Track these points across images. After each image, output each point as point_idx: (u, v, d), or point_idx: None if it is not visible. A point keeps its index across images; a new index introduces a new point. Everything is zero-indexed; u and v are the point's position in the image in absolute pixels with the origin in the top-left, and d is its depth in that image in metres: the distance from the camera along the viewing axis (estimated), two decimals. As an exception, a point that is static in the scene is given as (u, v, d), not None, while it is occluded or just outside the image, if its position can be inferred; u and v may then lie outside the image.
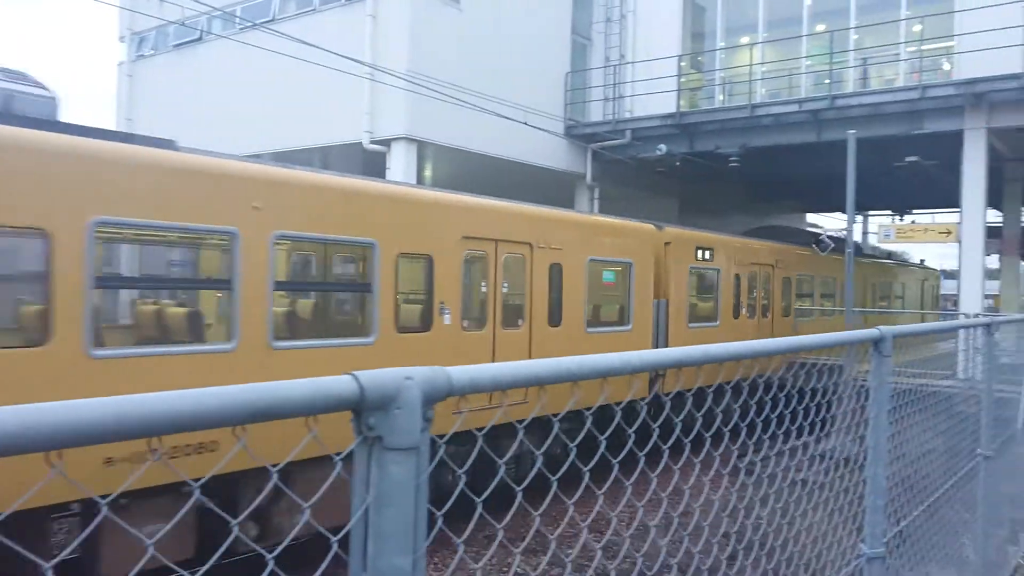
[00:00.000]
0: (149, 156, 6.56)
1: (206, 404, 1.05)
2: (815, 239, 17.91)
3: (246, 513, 1.62)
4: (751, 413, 3.19)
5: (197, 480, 1.28)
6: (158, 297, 8.10)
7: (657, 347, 12.41)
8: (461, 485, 1.50)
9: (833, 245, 17.20)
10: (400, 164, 15.64)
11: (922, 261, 33.88)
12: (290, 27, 15.83)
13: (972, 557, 5.22)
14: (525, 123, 16.33)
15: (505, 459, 1.63)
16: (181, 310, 7.67)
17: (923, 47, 17.51)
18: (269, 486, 1.36)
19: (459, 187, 11.14)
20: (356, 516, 1.24)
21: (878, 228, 22.86)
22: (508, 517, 1.87)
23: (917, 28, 17.77)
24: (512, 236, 10.13)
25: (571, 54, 20.07)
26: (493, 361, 8.58)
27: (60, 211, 5.91)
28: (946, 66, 17.54)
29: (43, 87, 7.04)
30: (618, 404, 2.28)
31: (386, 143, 15.94)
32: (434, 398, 1.31)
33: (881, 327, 3.18)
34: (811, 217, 35.38)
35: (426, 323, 8.94)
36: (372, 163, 16.02)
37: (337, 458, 1.30)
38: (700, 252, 14.49)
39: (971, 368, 6.11)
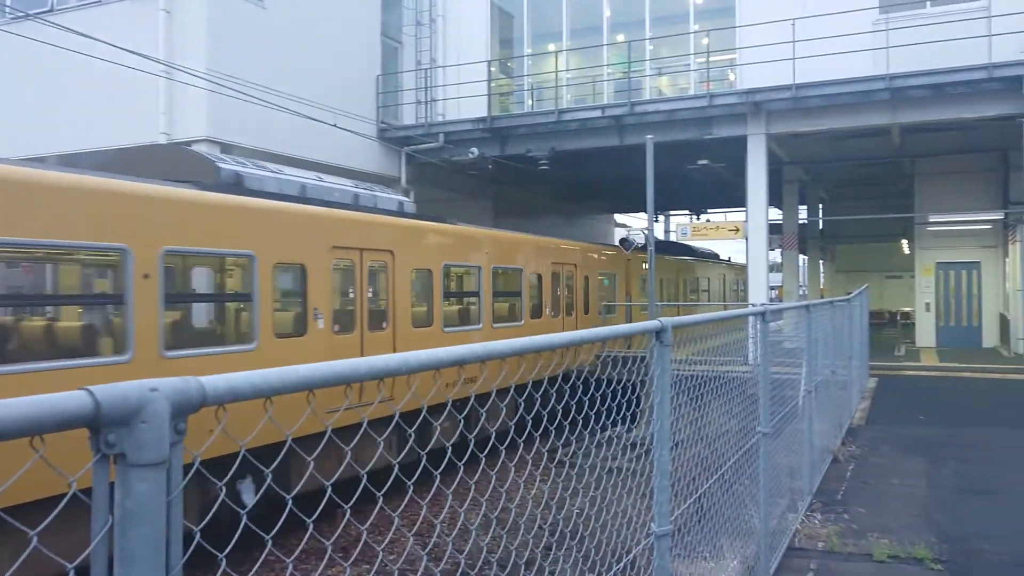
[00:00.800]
0: (447, 227, 13.02)
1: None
2: (622, 239, 18.86)
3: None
4: (560, 404, 3.32)
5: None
6: (461, 300, 13.84)
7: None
8: (222, 497, 1.44)
9: (638, 244, 18.16)
10: (203, 167, 14.84)
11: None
12: (72, 19, 14.59)
13: (758, 526, 5.67)
14: (335, 125, 16.01)
15: (266, 468, 1.59)
16: (468, 306, 13.65)
17: (711, 58, 18.92)
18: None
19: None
20: (96, 538, 1.16)
21: (676, 227, 24.45)
22: (274, 530, 1.83)
23: (705, 41, 19.17)
24: (568, 260, 17.04)
25: (382, 56, 19.92)
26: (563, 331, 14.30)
27: (435, 260, 12.19)
28: (732, 76, 19.04)
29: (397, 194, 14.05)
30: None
31: (186, 145, 15.09)
32: (186, 409, 1.25)
33: (662, 318, 3.39)
34: (619, 217, 37.23)
35: (538, 314, 15.68)
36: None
37: (71, 480, 1.21)
38: (643, 264, 20.15)
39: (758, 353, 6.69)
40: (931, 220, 21.91)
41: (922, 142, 20.38)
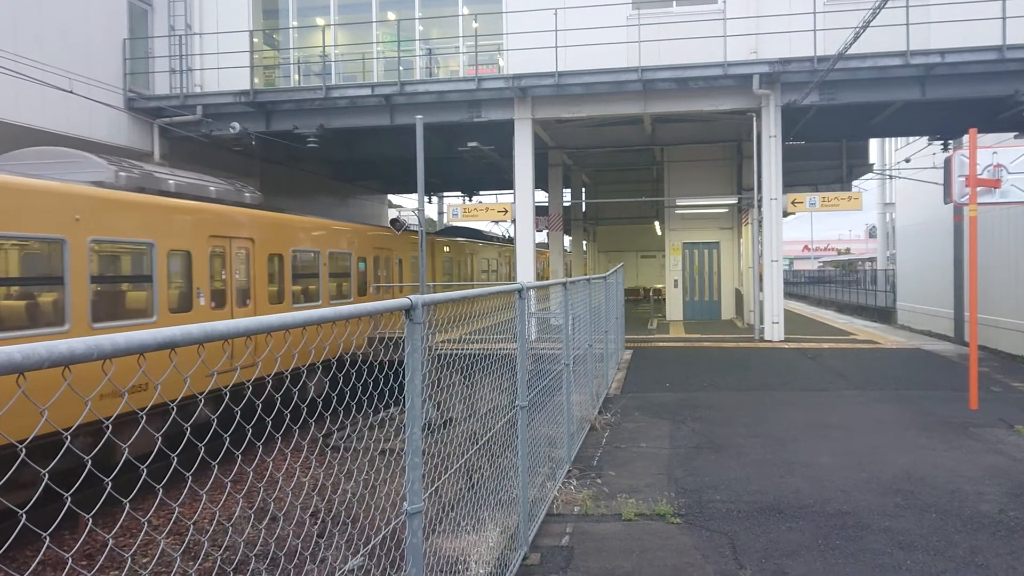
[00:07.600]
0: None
1: None
2: (392, 220, 18.74)
3: None
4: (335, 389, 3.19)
5: None
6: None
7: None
8: None
9: (408, 225, 18.15)
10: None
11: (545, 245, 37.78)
12: None
13: (520, 496, 5.88)
14: (71, 91, 14.44)
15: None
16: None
17: (479, 42, 19.24)
18: None
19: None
20: None
21: (447, 208, 24.79)
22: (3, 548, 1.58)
23: (475, 25, 19.45)
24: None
25: (129, 19, 18.24)
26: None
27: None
28: (501, 62, 19.50)
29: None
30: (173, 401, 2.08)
31: None
32: None
33: (412, 296, 3.36)
34: (394, 198, 36.99)
35: None
36: None
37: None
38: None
39: (531, 330, 6.91)
40: (678, 204, 23.87)
41: (670, 132, 22.16)
